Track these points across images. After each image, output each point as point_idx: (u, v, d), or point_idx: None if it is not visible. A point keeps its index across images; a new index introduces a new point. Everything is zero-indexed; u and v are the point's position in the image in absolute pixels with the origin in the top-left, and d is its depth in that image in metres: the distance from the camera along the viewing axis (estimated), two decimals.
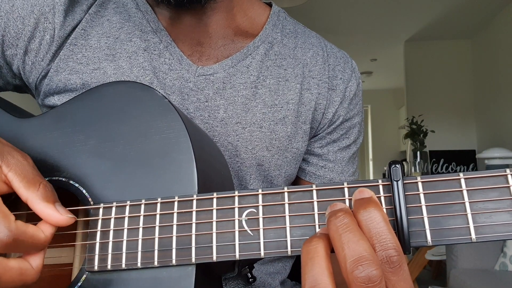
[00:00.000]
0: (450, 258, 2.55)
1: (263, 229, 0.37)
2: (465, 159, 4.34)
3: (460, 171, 4.28)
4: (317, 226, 0.36)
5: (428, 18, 4.30)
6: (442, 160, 4.35)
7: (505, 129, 3.98)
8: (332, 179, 0.67)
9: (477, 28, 4.50)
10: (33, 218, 0.39)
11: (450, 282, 2.45)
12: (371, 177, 7.60)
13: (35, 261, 0.38)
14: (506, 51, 3.95)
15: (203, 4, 0.57)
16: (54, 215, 0.38)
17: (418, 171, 4.00)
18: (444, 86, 4.82)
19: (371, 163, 7.77)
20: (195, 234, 0.38)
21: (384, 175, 6.32)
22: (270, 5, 0.70)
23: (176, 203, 0.39)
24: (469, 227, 0.32)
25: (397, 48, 5.16)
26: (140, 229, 0.39)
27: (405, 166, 4.15)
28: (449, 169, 4.32)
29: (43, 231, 0.38)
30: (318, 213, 0.36)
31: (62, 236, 0.44)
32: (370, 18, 4.31)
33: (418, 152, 4.05)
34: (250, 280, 0.47)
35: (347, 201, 0.35)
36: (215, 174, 0.47)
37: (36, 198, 0.38)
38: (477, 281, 2.23)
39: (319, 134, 0.67)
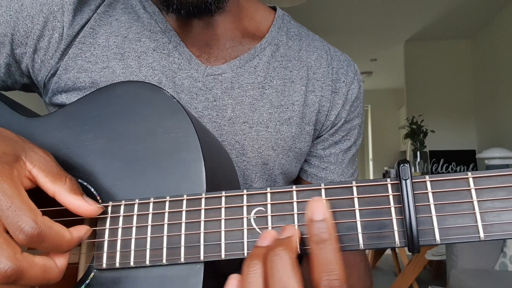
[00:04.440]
0: (450, 258, 2.56)
1: (272, 227, 0.37)
2: (465, 159, 4.34)
3: (460, 171, 4.30)
4: None
5: (428, 18, 4.31)
6: (442, 160, 4.35)
7: (505, 129, 3.99)
8: (333, 180, 0.68)
9: (477, 28, 4.51)
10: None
11: (450, 282, 2.46)
12: (371, 177, 7.61)
13: (60, 261, 0.38)
14: (506, 51, 3.96)
15: (213, 14, 0.58)
16: (84, 205, 0.39)
17: (418, 171, 4.01)
18: (444, 86, 4.82)
19: (371, 163, 7.78)
20: (204, 232, 0.38)
21: (384, 175, 6.33)
22: (274, 8, 0.71)
23: (184, 201, 0.39)
24: (477, 225, 0.33)
25: (397, 48, 5.17)
26: (149, 227, 0.40)
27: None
28: (449, 169, 4.32)
29: (71, 232, 0.38)
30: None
31: None
32: (370, 18, 4.31)
33: (418, 152, 4.06)
34: None
35: (355, 200, 0.36)
36: (222, 174, 0.47)
37: (64, 191, 0.39)
38: (477, 281, 2.24)
39: (322, 135, 0.68)
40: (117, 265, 0.40)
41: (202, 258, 0.38)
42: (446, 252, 2.63)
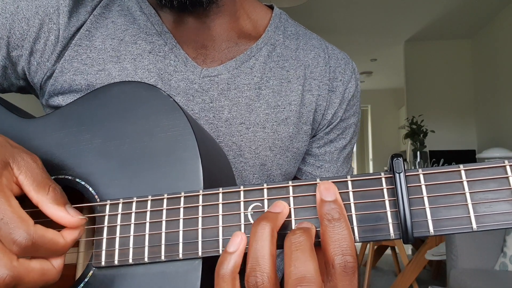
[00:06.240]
0: (450, 258, 2.55)
1: None
2: (465, 159, 4.34)
3: None
4: None
5: (428, 18, 4.31)
6: (442, 160, 4.36)
7: (505, 129, 3.98)
8: None
9: (477, 28, 4.51)
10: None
11: (450, 282, 2.45)
12: None
13: (57, 262, 0.38)
14: (506, 51, 3.96)
15: (205, 7, 0.57)
16: (66, 217, 0.39)
17: None
18: (444, 86, 4.83)
19: (371, 163, 7.78)
20: (202, 228, 0.38)
21: None
22: (271, 7, 0.70)
23: (182, 198, 0.40)
24: (470, 216, 0.33)
25: (397, 48, 5.17)
26: (147, 224, 0.40)
27: (405, 165, 4.19)
28: None
29: (64, 237, 0.38)
30: None
31: None
32: (370, 18, 4.32)
33: (418, 152, 4.06)
34: None
35: (350, 194, 0.36)
36: (219, 173, 0.47)
37: (46, 201, 0.38)
38: (477, 281, 2.23)
39: (318, 134, 0.68)
40: (116, 262, 0.40)
41: (200, 254, 0.38)
42: (446, 252, 2.62)
